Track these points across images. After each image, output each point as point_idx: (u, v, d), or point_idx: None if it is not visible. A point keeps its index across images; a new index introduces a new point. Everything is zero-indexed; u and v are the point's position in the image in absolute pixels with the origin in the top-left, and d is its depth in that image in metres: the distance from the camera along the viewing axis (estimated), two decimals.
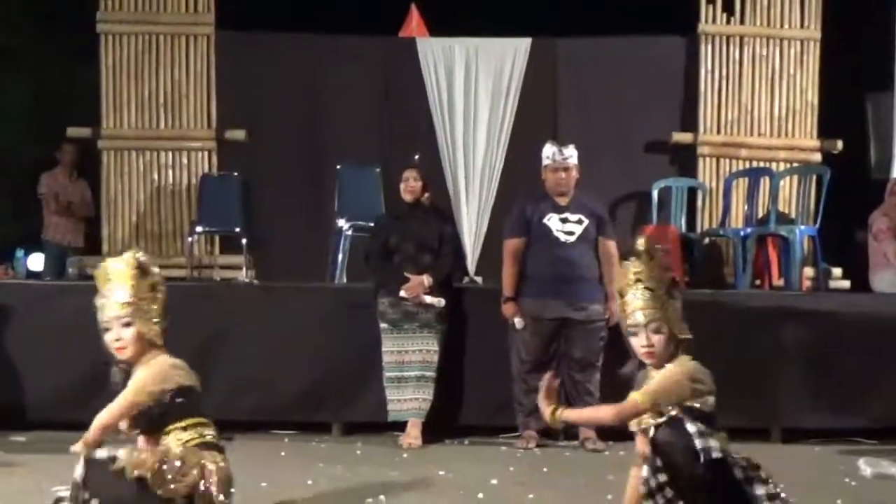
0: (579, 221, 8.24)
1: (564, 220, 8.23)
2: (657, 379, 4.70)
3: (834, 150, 11.34)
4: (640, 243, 5.01)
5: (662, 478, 4.55)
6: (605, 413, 4.95)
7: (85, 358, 8.28)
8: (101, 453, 4.75)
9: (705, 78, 11.29)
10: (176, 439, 4.83)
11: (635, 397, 4.68)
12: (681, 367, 4.71)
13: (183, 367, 4.95)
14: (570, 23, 12.03)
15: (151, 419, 4.86)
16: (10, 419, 8.43)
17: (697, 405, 4.62)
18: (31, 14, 15.34)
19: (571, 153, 8.29)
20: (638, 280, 4.90)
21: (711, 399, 4.68)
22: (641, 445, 4.75)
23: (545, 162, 8.30)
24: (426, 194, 8.51)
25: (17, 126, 14.60)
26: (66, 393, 8.32)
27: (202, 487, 4.73)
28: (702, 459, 4.49)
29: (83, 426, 5.77)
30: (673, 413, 4.59)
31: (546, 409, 4.90)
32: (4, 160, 12.44)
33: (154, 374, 4.87)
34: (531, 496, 6.30)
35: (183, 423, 4.87)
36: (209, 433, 4.92)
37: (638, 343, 4.83)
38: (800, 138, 11.38)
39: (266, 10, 11.98)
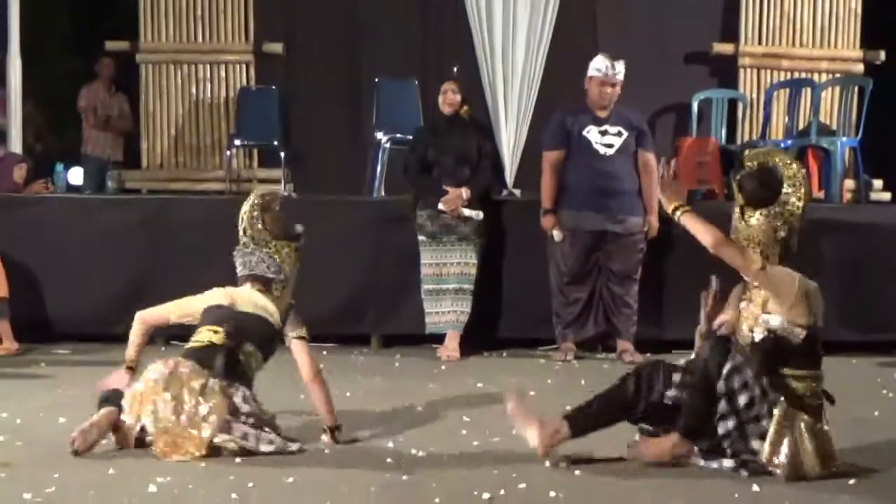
0: (619, 134, 8.18)
1: (604, 133, 8.18)
2: (778, 272, 4.97)
3: (877, 60, 11.20)
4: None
5: None
6: (712, 236, 4.99)
7: (123, 271, 8.40)
8: None
9: None
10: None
11: (753, 256, 4.96)
12: (799, 280, 5.01)
13: None
14: None
15: None
16: (51, 332, 8.52)
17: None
18: None
19: (621, 69, 8.20)
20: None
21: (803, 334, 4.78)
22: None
23: (593, 73, 8.20)
24: (465, 107, 8.47)
25: (56, 40, 14.58)
26: (106, 306, 8.40)
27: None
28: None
29: (121, 339, 5.84)
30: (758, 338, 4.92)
31: (668, 205, 5.10)
32: (43, 74, 12.42)
33: None
34: (569, 408, 6.31)
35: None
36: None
37: None
38: (842, 49, 11.24)
39: None
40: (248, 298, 5.56)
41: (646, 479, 4.83)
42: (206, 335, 5.42)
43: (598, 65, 8.18)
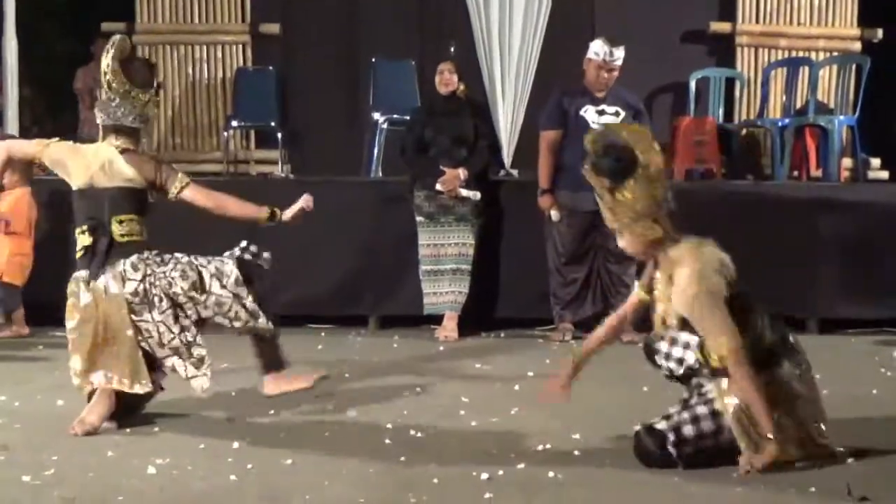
0: (616, 113, 8.18)
1: (601, 112, 8.18)
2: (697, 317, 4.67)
3: (874, 38, 11.17)
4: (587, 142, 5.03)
5: None
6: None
7: None
8: None
9: None
10: None
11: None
12: (696, 285, 4.66)
13: None
14: None
15: None
16: (49, 315, 8.51)
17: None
18: None
19: (620, 54, 8.19)
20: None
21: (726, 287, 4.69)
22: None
23: (592, 57, 8.19)
24: (462, 87, 8.46)
25: (51, 21, 14.55)
26: None
27: None
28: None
29: None
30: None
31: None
32: (39, 55, 12.40)
33: None
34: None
35: None
36: None
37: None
38: (840, 27, 11.20)
39: None
40: (107, 169, 5.57)
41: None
42: (82, 240, 5.55)
43: (598, 49, 8.17)
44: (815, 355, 7.15)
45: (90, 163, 5.60)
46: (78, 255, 5.58)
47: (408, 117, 8.99)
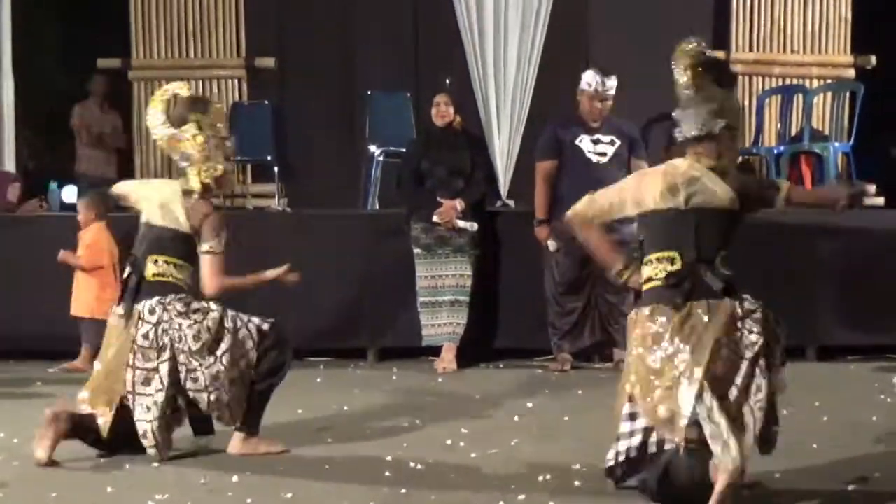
0: (611, 142, 8.20)
1: (597, 142, 8.20)
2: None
3: (868, 65, 11.22)
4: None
5: None
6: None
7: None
8: None
9: None
10: None
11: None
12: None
13: None
14: None
15: None
16: (46, 351, 8.51)
17: None
18: None
19: (613, 84, 8.22)
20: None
21: None
22: None
23: (585, 88, 8.22)
24: (457, 118, 8.48)
25: (49, 58, 14.59)
26: (101, 323, 8.36)
27: None
28: None
29: None
30: None
31: None
32: (36, 92, 12.44)
33: None
34: (566, 418, 6.33)
35: None
36: None
37: None
38: (833, 54, 11.26)
39: None
40: (163, 208, 5.60)
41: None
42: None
43: (590, 79, 8.20)
44: (815, 382, 7.22)
45: (151, 197, 5.68)
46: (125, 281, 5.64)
47: (404, 149, 9.00)
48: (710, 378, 4.48)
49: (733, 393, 4.51)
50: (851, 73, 11.19)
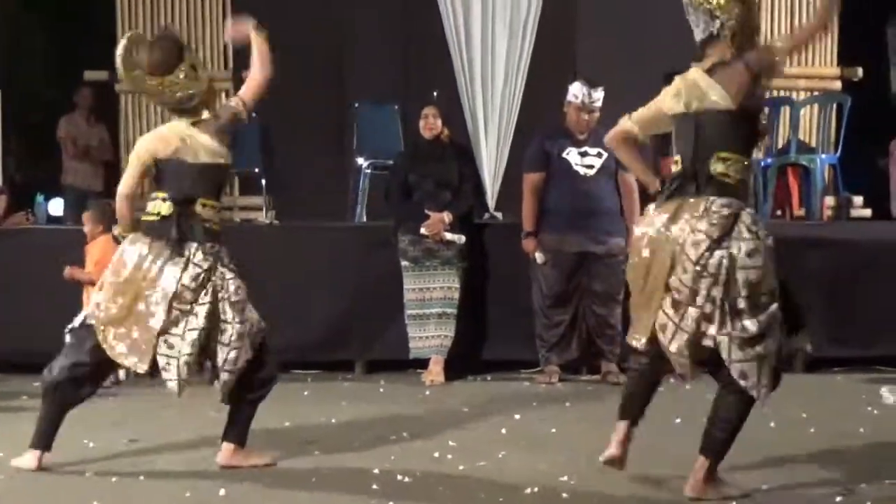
0: (599, 155, 8.21)
1: (584, 154, 8.21)
2: None
3: (854, 77, 11.25)
4: None
5: None
6: None
7: None
8: None
9: None
10: None
11: None
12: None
13: None
14: None
15: None
16: (32, 363, 8.47)
17: None
18: None
19: (599, 96, 8.24)
20: None
21: None
22: None
23: (571, 100, 8.24)
24: (445, 131, 8.49)
25: (35, 70, 14.58)
26: None
27: None
28: None
29: None
30: None
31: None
32: (23, 104, 12.42)
33: None
34: (554, 430, 6.33)
35: None
36: None
37: None
38: (820, 66, 11.29)
39: None
40: (198, 142, 5.62)
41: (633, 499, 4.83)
42: (156, 205, 5.48)
43: (577, 91, 8.22)
44: (802, 394, 7.23)
45: (173, 134, 5.69)
46: (146, 217, 5.53)
47: (392, 162, 9.01)
48: None
49: None
50: (838, 85, 11.23)
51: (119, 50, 5.75)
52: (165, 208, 5.45)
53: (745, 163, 4.98)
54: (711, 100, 4.99)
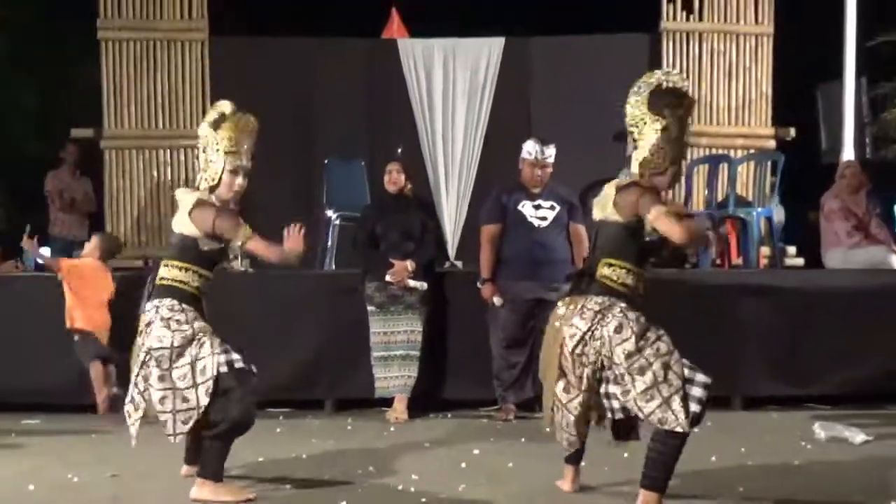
0: (552, 207, 8.25)
1: (538, 207, 8.25)
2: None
3: (787, 137, 11.38)
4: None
5: None
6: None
7: None
8: None
9: None
10: None
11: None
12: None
13: None
14: (542, 22, 12.09)
15: None
16: (20, 403, 8.42)
17: None
18: (40, 24, 15.35)
19: (551, 152, 8.30)
20: None
21: None
22: None
23: (526, 156, 8.29)
24: (408, 185, 8.52)
25: (25, 127, 14.57)
26: (74, 377, 8.33)
27: None
28: None
29: (92, 409, 5.79)
30: None
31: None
32: (13, 159, 12.39)
33: None
34: (510, 465, 6.33)
35: None
36: None
37: None
38: (755, 127, 11.42)
39: (256, 16, 11.96)
40: (178, 216, 5.78)
41: None
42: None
43: (530, 148, 8.28)
44: (741, 430, 7.26)
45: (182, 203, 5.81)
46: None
47: (359, 214, 9.02)
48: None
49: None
50: (772, 143, 11.35)
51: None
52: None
53: (633, 270, 5.22)
54: (608, 211, 5.26)
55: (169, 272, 5.62)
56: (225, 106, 5.94)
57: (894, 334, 8.55)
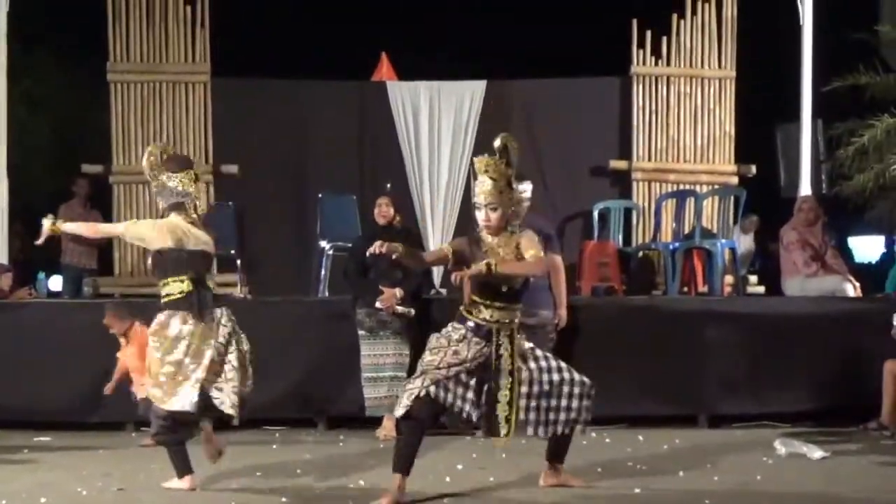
0: None
1: None
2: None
3: (749, 173, 11.42)
4: (498, 141, 5.99)
5: None
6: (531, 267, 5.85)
7: (98, 366, 8.23)
8: None
9: (637, 113, 11.34)
10: None
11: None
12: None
13: None
14: (521, 66, 12.14)
15: None
16: (34, 422, 8.37)
17: None
18: (53, 65, 15.36)
19: (526, 187, 8.26)
20: (486, 171, 6.00)
21: None
22: None
23: None
24: (397, 218, 8.51)
25: (39, 163, 14.54)
26: (82, 397, 8.29)
27: None
28: None
29: (100, 427, 5.75)
30: None
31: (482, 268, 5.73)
32: (27, 193, 12.35)
33: None
34: (492, 479, 6.31)
35: None
36: None
37: (479, 216, 5.92)
38: (719, 164, 11.44)
39: (255, 60, 11.99)
40: (190, 233, 6.04)
41: None
42: (176, 286, 5.92)
43: None
44: (706, 447, 7.25)
45: (175, 228, 5.99)
46: (171, 297, 5.91)
47: (350, 245, 9.01)
48: None
49: None
50: (735, 180, 11.37)
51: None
52: (187, 286, 5.89)
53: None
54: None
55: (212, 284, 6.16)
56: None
57: (849, 357, 8.56)
